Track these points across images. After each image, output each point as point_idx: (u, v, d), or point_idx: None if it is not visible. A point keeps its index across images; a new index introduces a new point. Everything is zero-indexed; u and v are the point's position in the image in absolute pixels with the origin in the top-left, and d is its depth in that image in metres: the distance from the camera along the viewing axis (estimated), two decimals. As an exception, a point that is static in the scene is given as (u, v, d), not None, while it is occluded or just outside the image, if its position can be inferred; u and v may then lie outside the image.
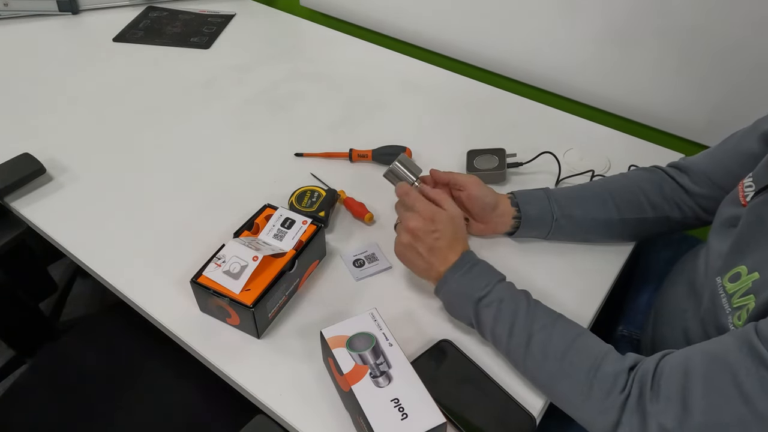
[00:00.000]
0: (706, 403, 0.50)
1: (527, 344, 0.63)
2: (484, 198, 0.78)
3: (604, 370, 0.58)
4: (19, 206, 0.89)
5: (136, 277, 0.79)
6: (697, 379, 0.51)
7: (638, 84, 1.05)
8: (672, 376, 0.53)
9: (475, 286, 0.67)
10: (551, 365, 0.62)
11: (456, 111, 1.11)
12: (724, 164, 0.74)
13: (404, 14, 1.29)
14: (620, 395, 0.55)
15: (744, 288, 0.55)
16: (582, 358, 0.60)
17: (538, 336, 0.63)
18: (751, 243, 0.58)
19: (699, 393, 0.51)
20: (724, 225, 0.65)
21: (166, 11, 1.43)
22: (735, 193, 0.65)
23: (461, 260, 0.69)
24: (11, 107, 1.10)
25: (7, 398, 0.90)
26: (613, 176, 0.84)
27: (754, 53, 0.90)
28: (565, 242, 0.83)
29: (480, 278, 0.68)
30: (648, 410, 0.53)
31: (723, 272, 0.59)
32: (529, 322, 0.64)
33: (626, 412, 0.55)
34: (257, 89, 1.16)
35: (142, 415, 0.86)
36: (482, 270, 0.69)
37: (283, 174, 0.95)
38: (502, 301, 0.66)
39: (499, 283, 0.68)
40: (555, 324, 0.64)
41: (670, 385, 0.53)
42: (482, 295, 0.67)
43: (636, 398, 0.54)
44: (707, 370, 0.51)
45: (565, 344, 0.62)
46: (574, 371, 0.60)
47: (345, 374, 0.59)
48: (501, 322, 0.65)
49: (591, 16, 1.03)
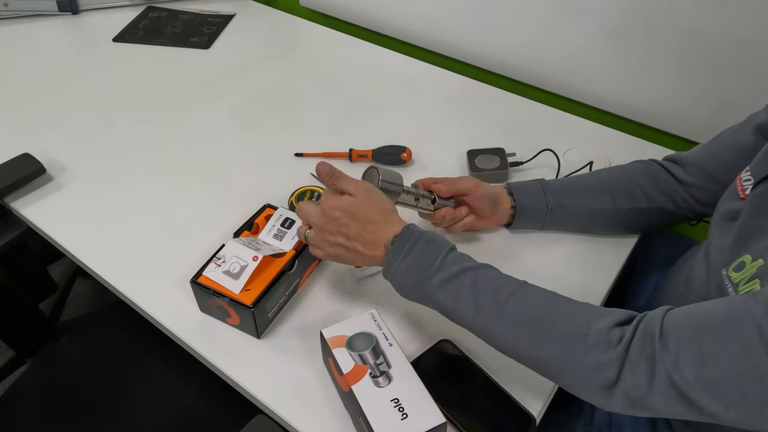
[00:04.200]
0: (725, 357, 0.48)
1: (499, 314, 0.58)
2: (488, 194, 0.79)
3: (596, 326, 0.54)
4: (19, 206, 0.89)
5: (136, 277, 0.79)
6: (712, 333, 0.49)
7: (638, 84, 1.05)
8: (683, 331, 0.50)
9: (421, 265, 0.61)
10: (530, 330, 0.57)
11: (456, 111, 1.11)
12: (718, 156, 0.75)
13: (404, 14, 1.29)
14: (617, 348, 0.52)
15: (749, 275, 0.55)
16: (564, 317, 0.57)
17: (510, 303, 0.58)
18: (754, 232, 0.58)
19: (715, 346, 0.48)
20: (724, 219, 0.65)
21: (166, 11, 1.43)
22: (733, 188, 0.65)
23: (397, 241, 0.62)
24: (11, 107, 1.10)
25: (7, 398, 0.90)
26: (608, 168, 0.85)
27: (754, 52, 0.90)
28: (561, 232, 0.84)
29: (426, 256, 0.61)
30: (658, 359, 0.50)
31: (728, 264, 0.59)
32: (495, 292, 0.59)
33: (627, 363, 0.51)
34: (257, 89, 1.16)
35: (142, 414, 0.86)
36: (425, 246, 0.62)
37: (283, 174, 0.95)
38: (458, 276, 0.60)
39: (450, 255, 0.61)
40: (524, 288, 0.59)
41: (683, 338, 0.50)
42: (432, 274, 0.60)
43: (638, 348, 0.51)
44: (723, 324, 0.49)
45: (541, 306, 0.58)
46: (558, 333, 0.56)
47: (345, 374, 0.59)
48: (463, 299, 0.59)
49: (591, 16, 1.03)
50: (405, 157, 0.97)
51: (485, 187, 0.80)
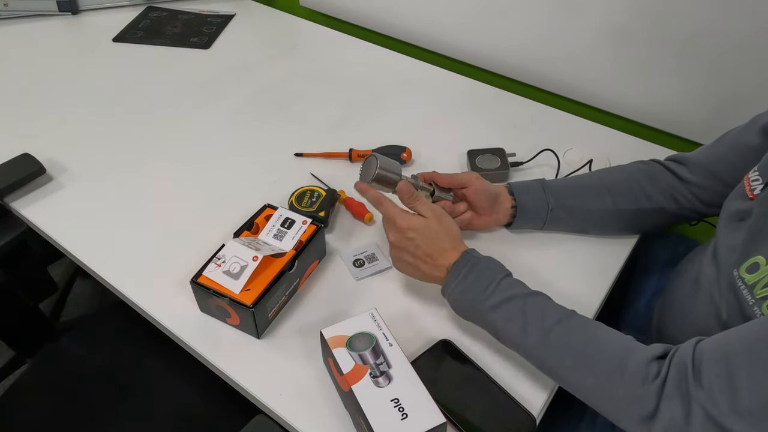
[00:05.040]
0: (756, 385, 0.48)
1: (544, 341, 0.61)
2: (488, 189, 0.79)
3: (635, 359, 0.56)
4: (19, 206, 0.89)
5: (136, 277, 0.79)
6: (742, 362, 0.49)
7: (638, 84, 1.05)
8: (713, 361, 0.51)
9: (476, 289, 0.65)
10: (573, 359, 0.59)
11: (456, 111, 1.11)
12: (722, 156, 0.75)
13: (404, 14, 1.29)
14: (654, 382, 0.53)
15: (766, 278, 0.55)
16: (605, 348, 0.58)
17: (555, 331, 0.61)
18: (765, 233, 0.58)
19: (746, 375, 0.49)
20: (732, 219, 0.65)
21: (165, 11, 1.43)
22: (741, 188, 0.65)
23: (457, 264, 0.67)
24: (11, 107, 1.10)
25: (7, 398, 0.90)
26: (609, 168, 0.85)
27: (755, 53, 0.90)
28: (562, 233, 0.84)
29: (481, 280, 0.66)
30: (692, 395, 0.51)
31: (739, 264, 0.59)
32: (542, 318, 0.62)
33: (664, 398, 0.52)
34: (257, 89, 1.16)
35: (142, 415, 0.86)
36: (482, 271, 0.66)
37: (283, 174, 0.95)
38: (510, 300, 0.63)
39: (504, 281, 0.65)
40: (570, 318, 0.62)
41: (713, 370, 0.51)
42: (486, 298, 0.64)
43: (675, 384, 0.52)
44: (752, 351, 0.49)
45: (586, 336, 0.60)
46: (599, 362, 0.58)
47: (345, 374, 0.59)
48: (512, 323, 0.63)
49: (591, 16, 1.03)
50: (405, 157, 0.97)
51: (485, 182, 0.80)
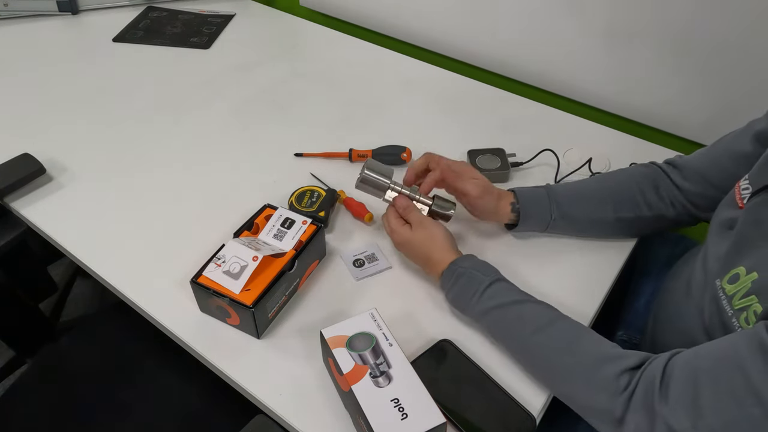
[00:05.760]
0: (718, 404, 0.49)
1: (523, 350, 0.66)
2: (485, 206, 0.79)
3: (606, 371, 0.57)
4: (19, 206, 0.89)
5: (136, 277, 0.79)
6: (707, 380, 0.50)
7: (638, 84, 1.05)
8: (681, 378, 0.52)
9: (463, 298, 0.70)
10: (548, 369, 0.64)
11: (456, 111, 1.11)
12: (717, 162, 0.75)
13: (404, 14, 1.29)
14: (622, 395, 0.55)
15: (744, 289, 0.55)
16: (581, 359, 0.61)
17: (532, 341, 0.64)
18: (748, 244, 0.57)
19: (710, 394, 0.50)
20: (721, 227, 0.65)
21: (165, 11, 1.43)
22: (732, 196, 0.65)
23: (444, 274, 0.72)
24: (11, 107, 1.10)
25: (7, 398, 0.90)
26: (611, 173, 0.85)
27: (754, 53, 0.90)
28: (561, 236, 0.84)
29: (466, 290, 0.70)
30: (657, 411, 0.52)
31: (722, 274, 0.59)
32: (522, 327, 0.66)
33: (630, 410, 0.54)
34: (257, 89, 1.16)
35: (142, 415, 0.86)
36: (467, 281, 0.70)
37: (283, 174, 0.95)
38: (493, 310, 0.68)
39: (488, 290, 0.68)
40: (551, 325, 0.64)
41: (679, 387, 0.52)
42: (471, 307, 0.69)
43: (641, 397, 0.54)
44: (717, 370, 0.50)
45: (561, 346, 0.62)
46: (572, 373, 0.61)
47: (345, 374, 0.59)
48: (496, 331, 0.69)
49: (591, 16, 1.03)
50: (405, 157, 0.97)
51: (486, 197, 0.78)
